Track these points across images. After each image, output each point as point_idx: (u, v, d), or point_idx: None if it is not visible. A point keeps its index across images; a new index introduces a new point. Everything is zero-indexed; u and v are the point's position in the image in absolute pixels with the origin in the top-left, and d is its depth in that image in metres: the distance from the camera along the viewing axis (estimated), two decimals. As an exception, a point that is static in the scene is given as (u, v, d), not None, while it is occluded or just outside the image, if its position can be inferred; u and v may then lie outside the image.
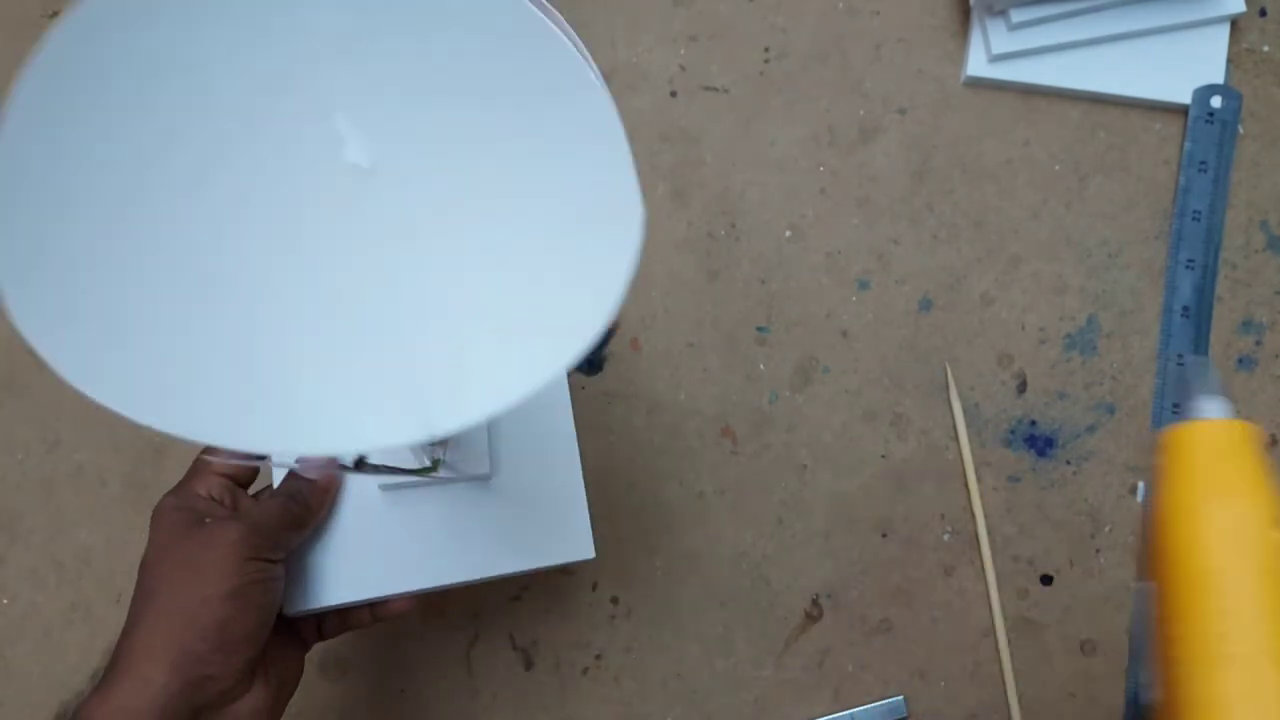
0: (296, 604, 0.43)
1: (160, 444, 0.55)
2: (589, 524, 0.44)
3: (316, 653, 0.52)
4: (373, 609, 0.45)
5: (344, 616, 0.46)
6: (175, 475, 0.41)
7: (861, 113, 0.57)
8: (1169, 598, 0.31)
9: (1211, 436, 0.32)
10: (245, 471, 0.43)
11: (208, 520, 0.39)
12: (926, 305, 0.56)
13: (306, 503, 0.42)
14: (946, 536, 0.54)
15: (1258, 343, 0.56)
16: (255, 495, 0.43)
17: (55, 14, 0.59)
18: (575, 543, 0.44)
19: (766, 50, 0.58)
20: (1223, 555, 0.30)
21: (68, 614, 0.54)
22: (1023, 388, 0.56)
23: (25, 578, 0.55)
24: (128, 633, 0.37)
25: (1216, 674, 0.29)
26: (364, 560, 0.44)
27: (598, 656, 0.53)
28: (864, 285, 0.56)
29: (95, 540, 0.55)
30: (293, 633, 0.44)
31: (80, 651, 0.54)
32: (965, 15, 0.58)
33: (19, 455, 0.56)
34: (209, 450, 0.42)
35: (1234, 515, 0.30)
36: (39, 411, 0.56)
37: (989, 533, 0.54)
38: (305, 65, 0.28)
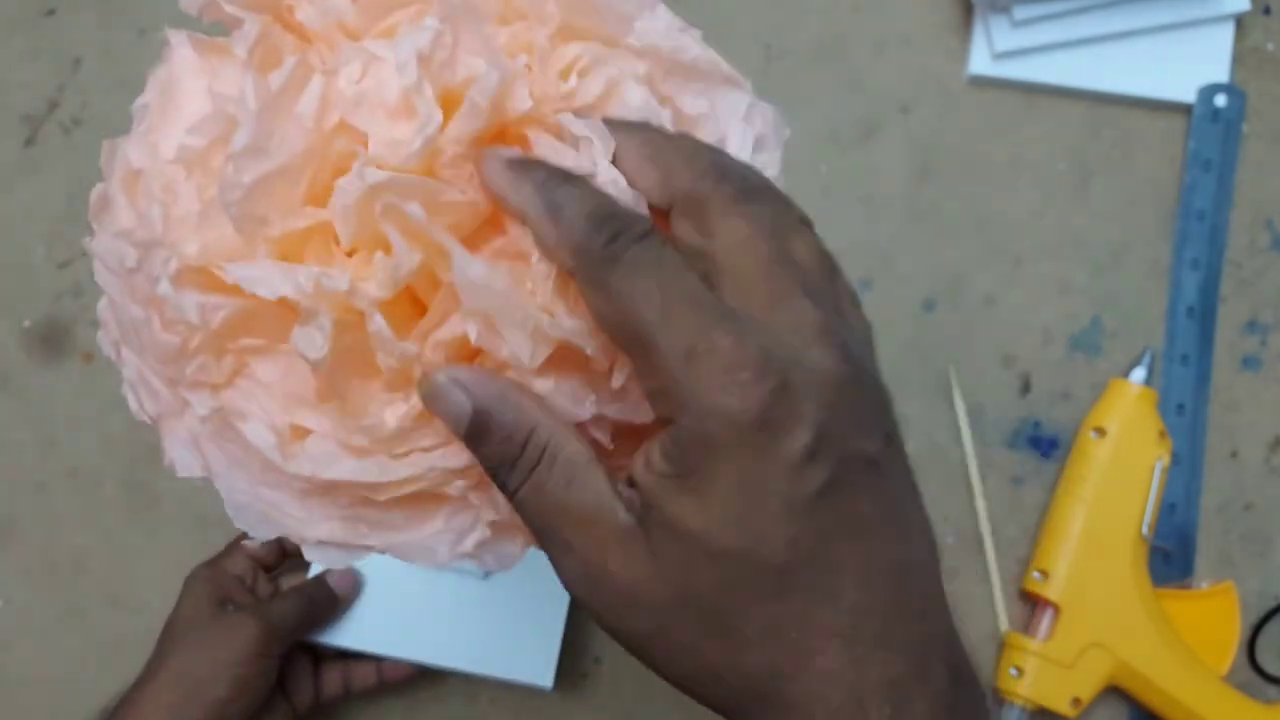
0: (326, 637, 0.49)
1: (156, 445, 0.54)
2: (555, 656, 0.49)
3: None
4: (380, 669, 0.50)
5: (347, 674, 0.50)
6: (171, 477, 0.41)
7: (863, 111, 0.57)
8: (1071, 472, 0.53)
9: (1132, 390, 0.54)
10: (270, 557, 0.50)
11: (230, 607, 0.46)
12: (930, 305, 0.56)
13: (322, 609, 0.48)
14: (950, 539, 0.54)
15: (1262, 343, 0.56)
16: (279, 587, 0.50)
17: (51, 11, 0.59)
18: (537, 669, 0.49)
19: (768, 48, 0.57)
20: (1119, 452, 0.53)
21: (63, 617, 0.54)
22: (1026, 388, 0.55)
23: (20, 580, 0.54)
24: (139, 685, 0.44)
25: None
26: (391, 615, 0.50)
27: (596, 660, 0.53)
28: (866, 285, 0.56)
29: (91, 542, 0.54)
30: (284, 695, 0.48)
31: (76, 655, 0.54)
32: (968, 12, 0.57)
33: (14, 456, 0.55)
34: (245, 535, 0.46)
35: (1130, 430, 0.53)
36: (34, 413, 0.55)
37: (993, 535, 0.54)
38: None
